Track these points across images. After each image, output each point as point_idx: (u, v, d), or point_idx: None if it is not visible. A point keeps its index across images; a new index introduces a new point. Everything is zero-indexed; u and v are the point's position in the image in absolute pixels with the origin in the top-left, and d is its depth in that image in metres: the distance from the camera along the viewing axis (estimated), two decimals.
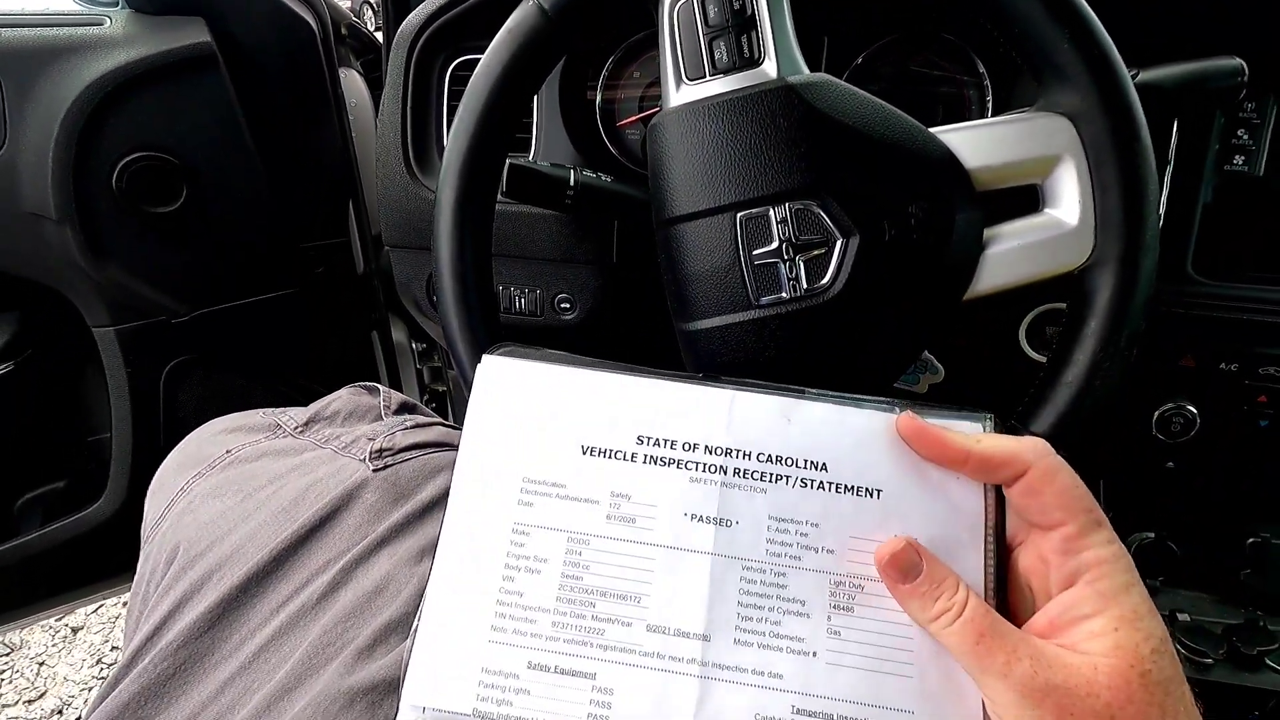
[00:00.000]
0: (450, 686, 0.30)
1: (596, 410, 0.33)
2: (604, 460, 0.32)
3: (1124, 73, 0.39)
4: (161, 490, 0.52)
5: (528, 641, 0.31)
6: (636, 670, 0.30)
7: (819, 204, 0.40)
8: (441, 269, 0.46)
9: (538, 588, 0.31)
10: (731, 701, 0.30)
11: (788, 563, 0.31)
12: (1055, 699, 0.26)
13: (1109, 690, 0.26)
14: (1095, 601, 0.28)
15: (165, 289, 0.85)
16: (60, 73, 0.74)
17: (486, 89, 0.45)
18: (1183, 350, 0.60)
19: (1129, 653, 0.26)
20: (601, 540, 0.32)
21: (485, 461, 0.33)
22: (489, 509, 0.32)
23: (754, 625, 0.31)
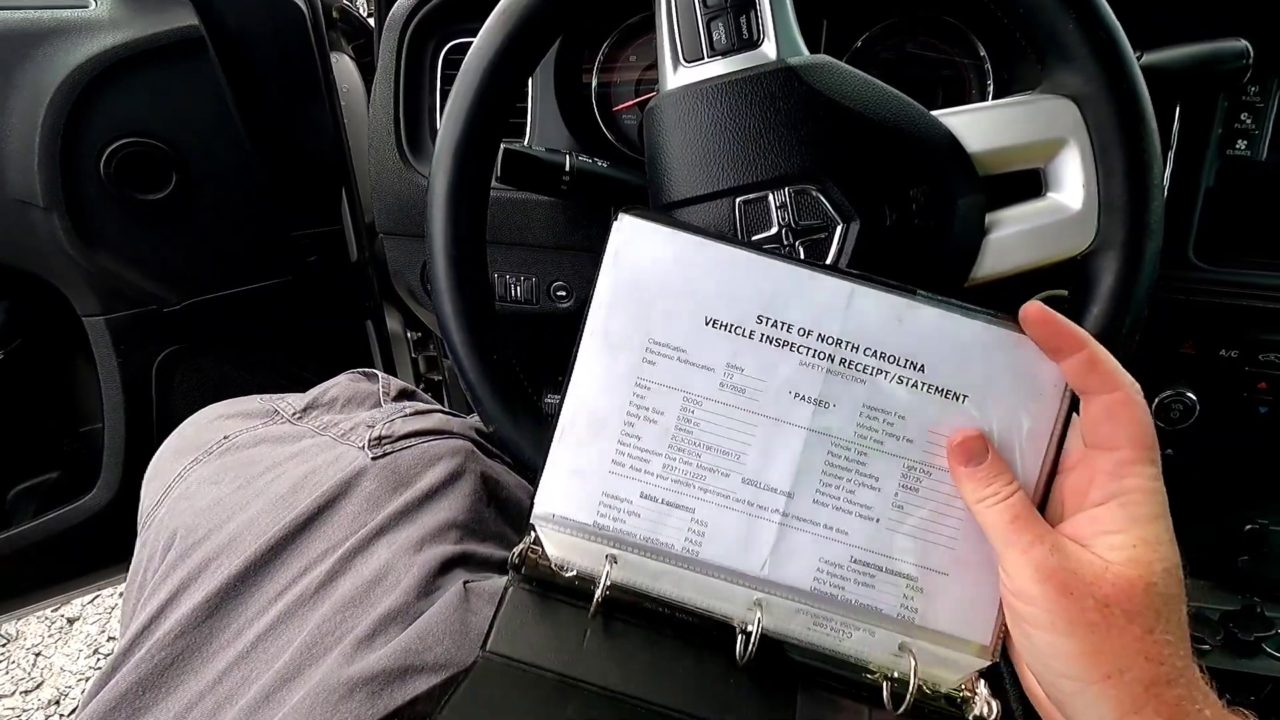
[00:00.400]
0: (575, 502, 0.36)
1: (723, 285, 0.35)
2: (724, 333, 0.35)
3: (1130, 55, 0.39)
4: (158, 476, 0.51)
5: (641, 477, 0.36)
6: (729, 511, 0.36)
7: (819, 188, 0.40)
8: (436, 256, 0.45)
9: (654, 434, 0.36)
10: (803, 546, 0.36)
11: (871, 445, 0.36)
12: (1060, 578, 0.30)
13: (1112, 586, 0.29)
14: (1123, 521, 0.31)
15: (156, 277, 0.84)
16: (44, 57, 0.73)
17: (480, 72, 0.44)
18: (1183, 336, 0.60)
19: (1141, 565, 0.30)
20: (713, 404, 0.36)
21: (616, 318, 0.36)
22: (618, 362, 0.36)
23: (832, 491, 0.36)
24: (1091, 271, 0.40)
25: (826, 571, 0.36)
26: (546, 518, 0.36)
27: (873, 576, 0.36)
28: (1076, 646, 0.30)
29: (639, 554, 0.36)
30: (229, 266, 0.89)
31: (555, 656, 0.34)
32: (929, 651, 0.36)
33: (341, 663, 0.35)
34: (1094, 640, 0.29)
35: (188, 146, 0.80)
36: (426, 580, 0.40)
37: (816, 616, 0.36)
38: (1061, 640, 0.30)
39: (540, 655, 0.34)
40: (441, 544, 0.42)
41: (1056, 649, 0.30)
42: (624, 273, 0.36)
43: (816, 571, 0.36)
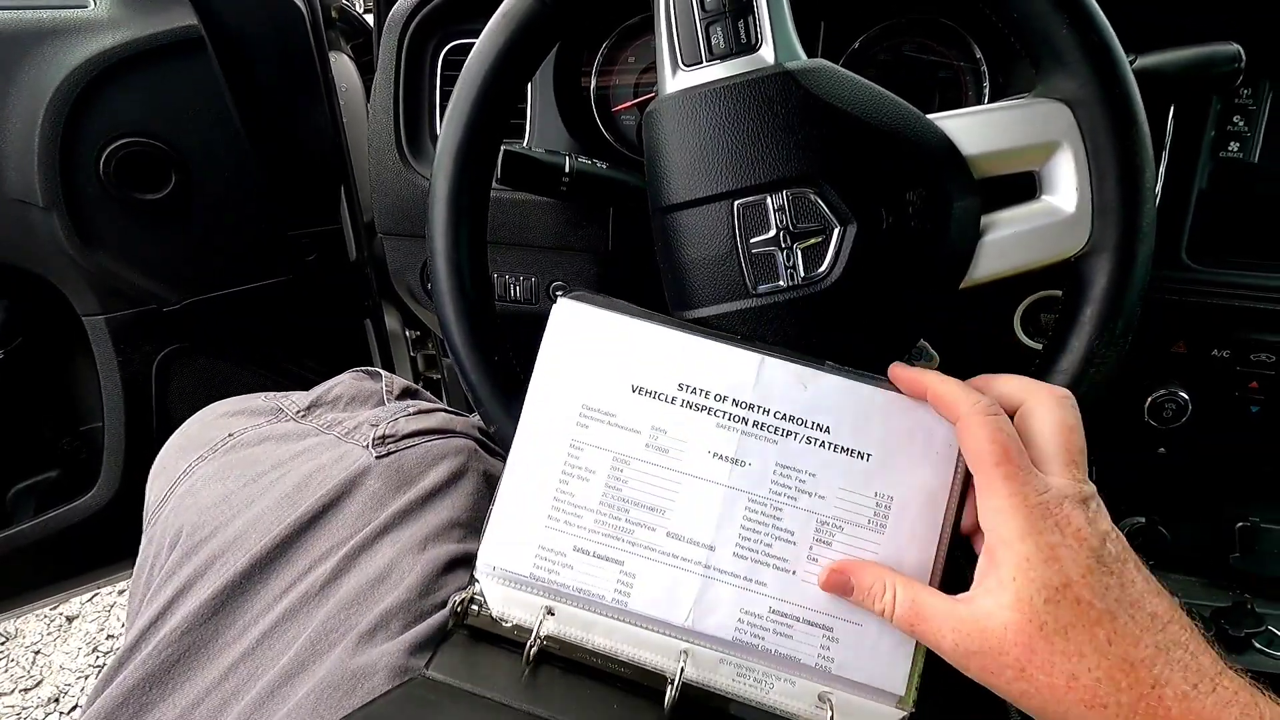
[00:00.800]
0: (514, 553, 0.39)
1: (648, 357, 0.40)
2: (649, 399, 0.39)
3: (1123, 59, 0.39)
4: (163, 473, 0.51)
5: (574, 531, 0.39)
6: (655, 564, 0.38)
7: (816, 191, 0.40)
8: (436, 257, 0.45)
9: (586, 492, 0.39)
10: (724, 597, 0.38)
11: (785, 500, 0.38)
12: (978, 662, 0.31)
13: (1015, 645, 0.29)
14: (987, 556, 0.31)
15: (155, 277, 0.84)
16: (44, 57, 0.73)
17: (481, 74, 0.44)
18: (1175, 336, 0.61)
19: (1025, 605, 0.29)
20: (640, 463, 0.39)
21: (554, 387, 0.40)
22: (554, 426, 0.39)
23: (750, 544, 0.38)
24: (1085, 273, 0.41)
25: (747, 622, 0.38)
26: (488, 570, 0.39)
27: (790, 626, 0.38)
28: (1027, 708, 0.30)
29: (572, 605, 0.38)
30: (228, 266, 0.89)
31: (491, 686, 0.36)
32: (847, 701, 0.37)
33: (344, 658, 0.36)
34: (1034, 705, 0.30)
35: (187, 146, 0.80)
36: (430, 579, 0.40)
37: (740, 667, 0.38)
38: (1009, 691, 0.31)
39: (478, 685, 0.36)
40: (445, 543, 0.43)
41: (1030, 710, 0.31)
42: (561, 349, 0.40)
43: (738, 622, 0.38)
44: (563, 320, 0.40)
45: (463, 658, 0.37)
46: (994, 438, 0.32)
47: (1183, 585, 0.68)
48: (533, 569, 0.38)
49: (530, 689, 0.37)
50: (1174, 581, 0.68)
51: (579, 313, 0.40)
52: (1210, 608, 0.65)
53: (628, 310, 0.40)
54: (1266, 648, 0.63)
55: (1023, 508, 0.30)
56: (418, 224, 0.67)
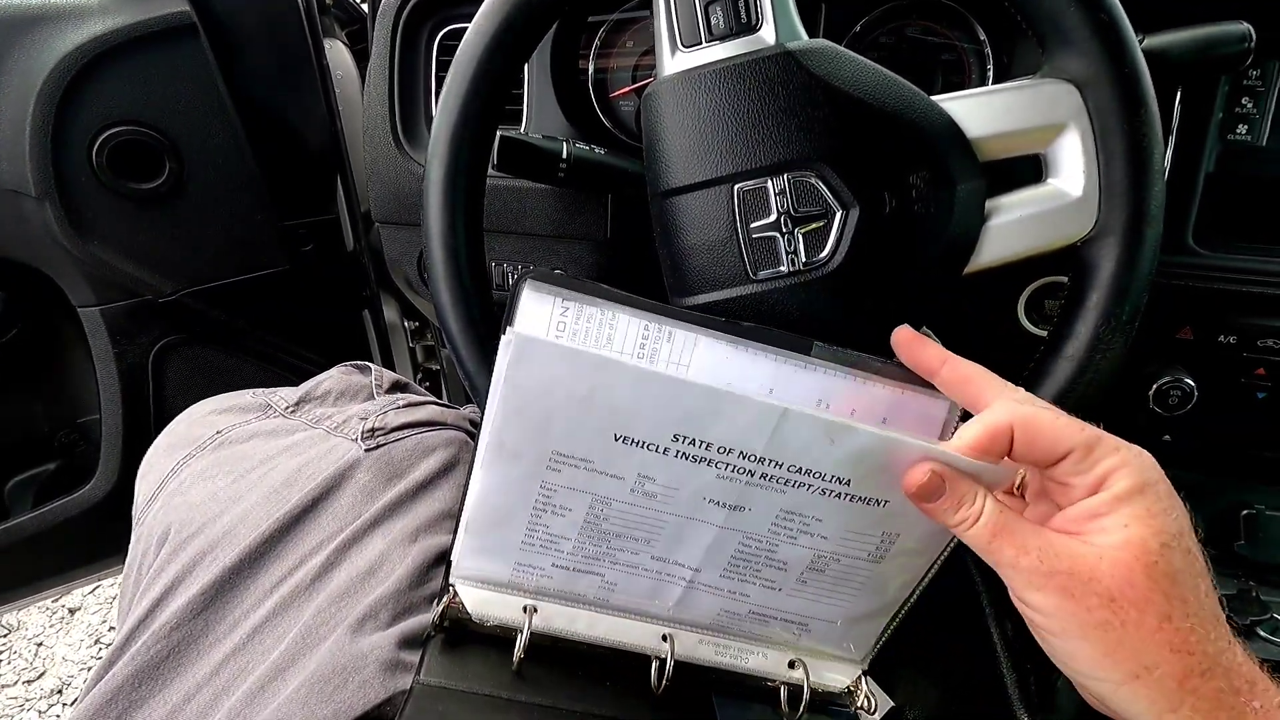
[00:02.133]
0: (489, 563, 0.38)
1: (634, 404, 0.33)
2: (635, 448, 0.34)
3: (1132, 38, 0.38)
4: (151, 472, 0.51)
5: (552, 553, 0.37)
6: (636, 576, 0.38)
7: (818, 175, 0.39)
8: (432, 245, 0.45)
9: (562, 524, 0.37)
10: (706, 601, 0.38)
11: (784, 539, 0.37)
12: (1057, 581, 0.29)
13: (1110, 577, 0.28)
14: (1109, 503, 0.29)
15: (150, 267, 0.83)
16: (34, 44, 0.72)
17: (475, 58, 0.43)
18: (1181, 322, 0.60)
19: (1136, 546, 0.28)
20: (623, 504, 0.36)
21: (511, 432, 0.34)
22: (519, 469, 0.35)
23: (739, 570, 0.38)
24: (1091, 258, 0.40)
25: (726, 619, 0.39)
26: (465, 576, 0.38)
27: (767, 623, 0.39)
28: (1093, 649, 0.28)
29: (555, 601, 0.38)
30: (224, 256, 0.88)
31: (487, 684, 0.37)
32: (816, 665, 0.40)
33: (335, 651, 0.35)
34: (1110, 640, 0.28)
35: (181, 135, 0.80)
36: (421, 571, 0.40)
37: (718, 645, 0.40)
38: (1076, 644, 0.29)
39: (472, 684, 0.36)
40: (436, 534, 0.42)
41: (1074, 653, 0.29)
42: (515, 392, 0.33)
43: (716, 617, 0.39)
44: (515, 360, 0.32)
45: (452, 659, 0.37)
46: (1063, 415, 0.31)
47: None
48: (511, 576, 0.38)
49: (525, 681, 0.37)
50: None
51: (537, 349, 0.32)
52: None
53: (604, 297, 0.35)
54: (1272, 635, 0.62)
55: (1135, 461, 0.30)
56: (414, 212, 0.66)
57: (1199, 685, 0.27)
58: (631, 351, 0.36)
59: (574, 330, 0.35)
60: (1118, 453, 0.30)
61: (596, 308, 0.35)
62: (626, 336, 0.36)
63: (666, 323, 0.36)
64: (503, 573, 0.38)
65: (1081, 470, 0.30)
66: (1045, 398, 0.40)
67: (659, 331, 0.36)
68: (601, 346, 0.35)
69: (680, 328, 0.36)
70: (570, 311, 0.35)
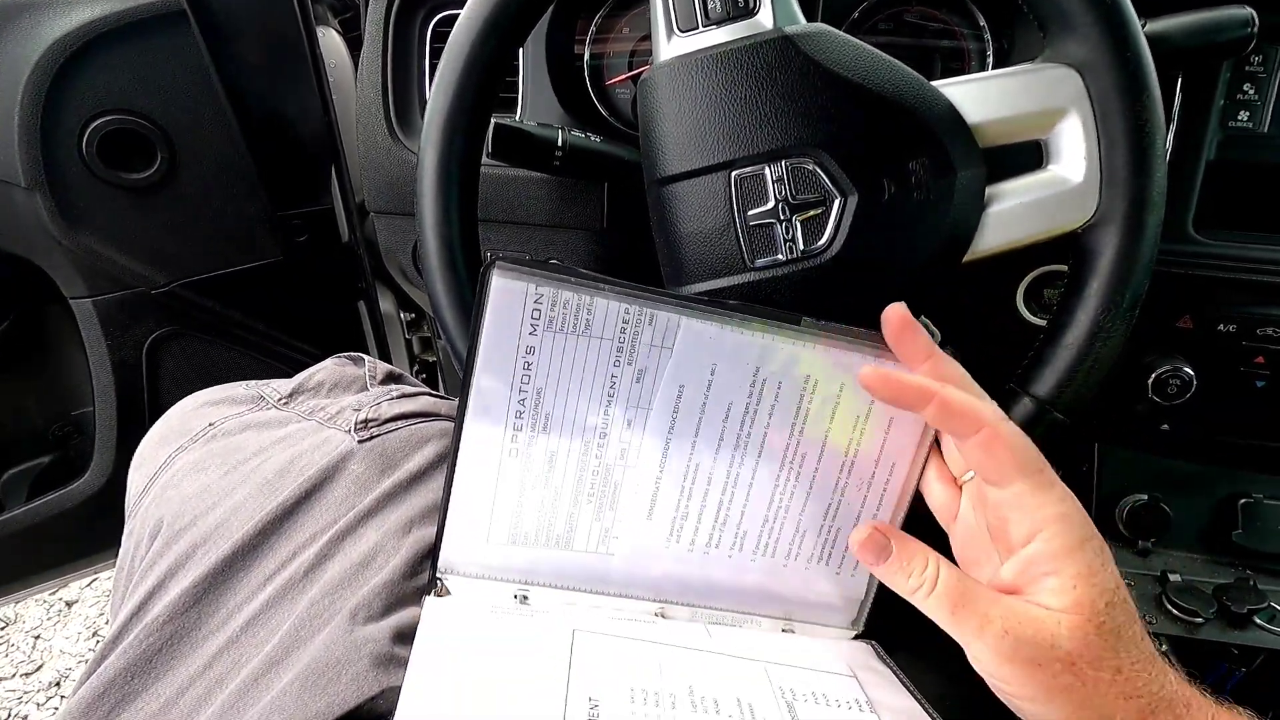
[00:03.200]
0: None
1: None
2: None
3: (1135, 22, 0.38)
4: (144, 465, 0.51)
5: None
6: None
7: (816, 161, 0.39)
8: (426, 235, 0.44)
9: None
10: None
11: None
12: (1025, 653, 0.30)
13: (1069, 640, 0.29)
14: (1052, 561, 0.31)
15: (143, 258, 0.83)
16: (21, 31, 0.71)
17: (468, 43, 0.43)
18: (1181, 310, 0.60)
19: (1087, 607, 0.30)
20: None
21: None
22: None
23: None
24: (1092, 245, 0.39)
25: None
26: (451, 569, 0.38)
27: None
28: (1059, 712, 0.30)
29: (546, 587, 0.38)
30: (218, 247, 0.88)
31: None
32: (808, 631, 0.41)
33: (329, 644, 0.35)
34: (1074, 701, 0.29)
35: (172, 123, 0.79)
36: (414, 562, 0.39)
37: (711, 616, 0.40)
38: (1044, 709, 0.30)
39: None
40: (430, 525, 0.42)
41: (1042, 716, 0.31)
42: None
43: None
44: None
45: None
46: (1029, 444, 0.32)
47: (1185, 562, 0.67)
48: (498, 560, 0.38)
49: None
50: (1177, 558, 0.68)
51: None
52: (1212, 584, 0.64)
53: (579, 279, 0.34)
54: (1268, 624, 0.62)
55: (1077, 515, 0.31)
56: (408, 202, 0.65)
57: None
58: (612, 336, 0.35)
59: (549, 318, 0.34)
60: (1063, 503, 0.31)
61: (572, 292, 0.34)
62: (605, 321, 0.35)
63: (648, 304, 0.35)
64: (490, 557, 0.38)
65: (1025, 506, 0.31)
66: (1044, 386, 0.40)
67: (640, 315, 0.35)
68: (580, 333, 0.35)
69: (662, 309, 0.35)
70: (545, 299, 0.34)
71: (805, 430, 0.37)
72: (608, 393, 0.36)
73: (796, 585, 0.41)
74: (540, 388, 0.35)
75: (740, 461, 0.38)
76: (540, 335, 0.35)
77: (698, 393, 0.36)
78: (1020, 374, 0.41)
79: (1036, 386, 0.40)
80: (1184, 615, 0.62)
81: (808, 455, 0.38)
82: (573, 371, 0.35)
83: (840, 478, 0.38)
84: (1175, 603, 0.62)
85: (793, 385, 0.37)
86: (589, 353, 0.35)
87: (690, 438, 0.37)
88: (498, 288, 0.34)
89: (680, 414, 0.37)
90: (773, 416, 0.37)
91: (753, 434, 0.37)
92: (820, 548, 0.40)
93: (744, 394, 0.36)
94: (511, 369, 0.35)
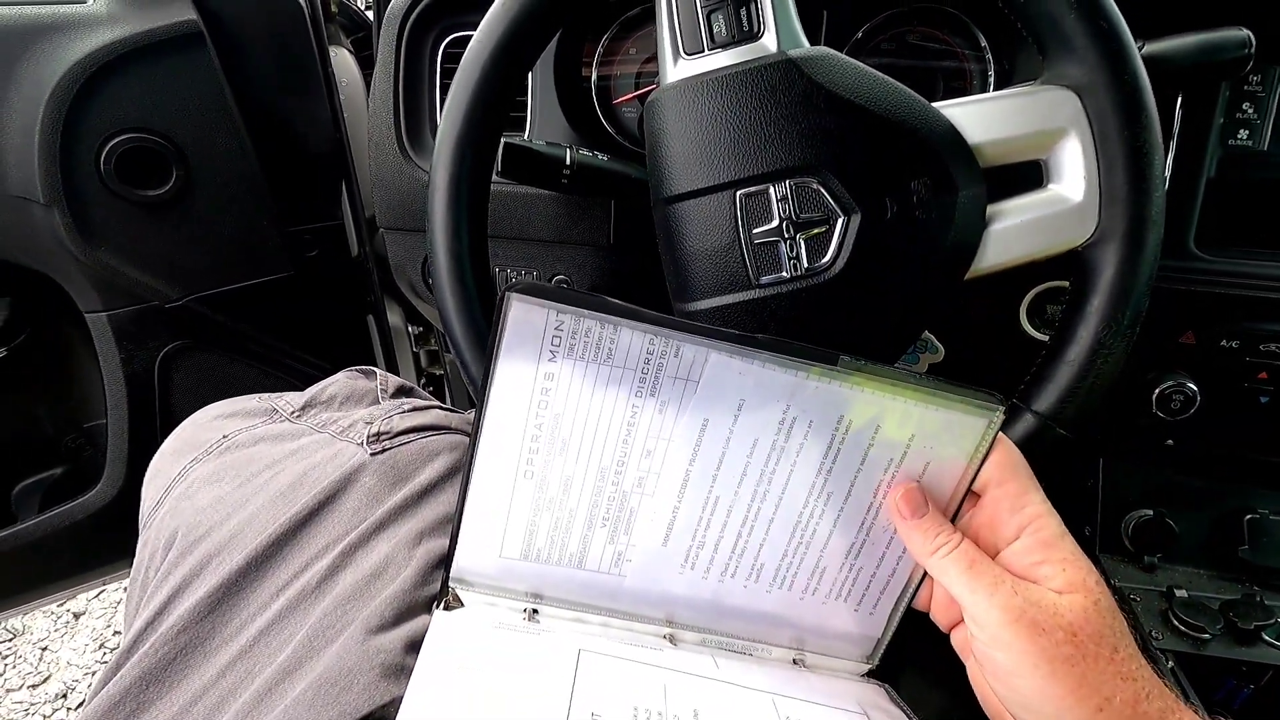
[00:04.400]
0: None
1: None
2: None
3: (1131, 45, 0.38)
4: (158, 476, 0.51)
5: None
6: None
7: (820, 181, 0.39)
8: (436, 251, 0.45)
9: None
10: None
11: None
12: (1030, 616, 0.30)
13: (1070, 613, 0.30)
14: (1042, 550, 0.32)
15: (157, 273, 0.84)
16: (43, 52, 0.73)
17: (480, 65, 0.44)
18: (1183, 327, 0.60)
19: (1079, 584, 0.31)
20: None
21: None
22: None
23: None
24: (1092, 263, 0.40)
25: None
26: (462, 579, 0.38)
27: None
28: (1062, 686, 0.29)
29: (555, 605, 0.38)
30: (230, 262, 0.89)
31: None
32: (819, 663, 0.41)
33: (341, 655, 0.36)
34: (1077, 674, 0.29)
35: (187, 141, 0.80)
36: (425, 572, 0.40)
37: (721, 643, 0.40)
38: (1046, 684, 0.30)
39: None
40: (440, 537, 0.42)
41: (1045, 693, 0.30)
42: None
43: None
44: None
45: None
46: (1019, 451, 0.35)
47: (1191, 578, 0.67)
48: (508, 574, 0.38)
49: None
50: (1182, 574, 0.67)
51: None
52: (1219, 600, 0.64)
53: (601, 309, 0.33)
54: (1276, 640, 0.62)
55: (1055, 514, 0.33)
56: (418, 218, 0.66)
57: (1147, 710, 0.29)
58: (635, 367, 0.34)
59: (570, 345, 0.33)
60: (1044, 503, 0.34)
61: (595, 321, 0.33)
62: (629, 351, 0.34)
63: (673, 336, 0.33)
64: (501, 569, 0.38)
65: (1014, 506, 0.34)
66: (1046, 401, 0.41)
67: (665, 346, 0.34)
68: (603, 361, 0.34)
69: (689, 342, 0.33)
70: (565, 326, 0.33)
71: (834, 470, 0.36)
72: (628, 422, 0.35)
73: (812, 618, 0.40)
74: (558, 413, 0.35)
75: (763, 496, 0.36)
76: (560, 362, 0.34)
77: (722, 427, 0.35)
78: (1023, 389, 0.42)
79: (1039, 402, 0.41)
80: (1191, 631, 0.62)
81: (834, 494, 0.37)
82: (592, 399, 0.34)
83: (867, 518, 0.37)
84: (1182, 618, 0.62)
85: (824, 424, 0.35)
86: (610, 382, 0.34)
87: (712, 471, 0.36)
88: (515, 315, 0.33)
89: (703, 447, 0.35)
90: (800, 455, 0.36)
91: (777, 471, 0.36)
92: (840, 585, 0.39)
93: (771, 431, 0.35)
94: (529, 394, 0.34)
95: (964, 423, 0.35)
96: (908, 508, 0.35)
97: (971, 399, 0.35)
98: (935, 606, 0.38)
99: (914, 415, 0.35)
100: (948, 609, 0.37)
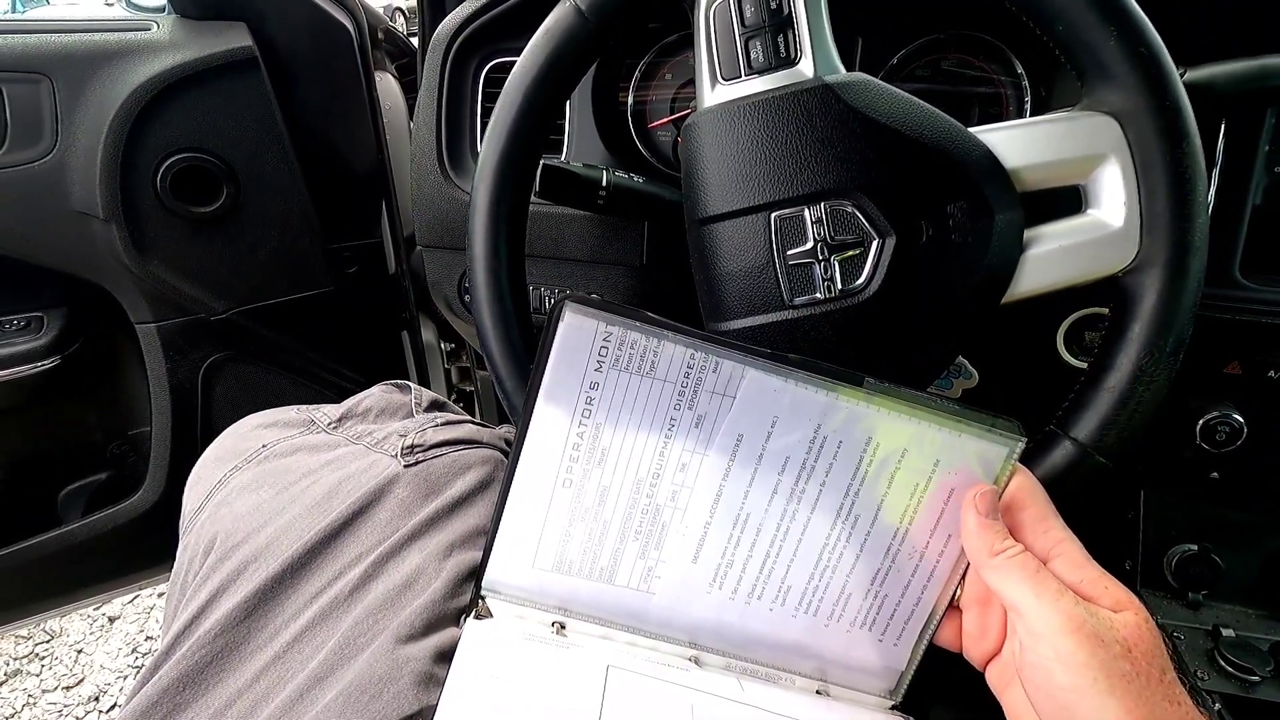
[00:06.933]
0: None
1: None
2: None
3: (1173, 71, 0.38)
4: (200, 483, 0.53)
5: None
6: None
7: (855, 204, 0.40)
8: (476, 268, 0.46)
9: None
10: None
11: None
12: (1091, 627, 0.30)
13: (1125, 629, 0.30)
14: (1078, 570, 0.32)
15: (204, 286, 0.87)
16: (109, 76, 0.76)
17: (523, 91, 0.45)
18: (1228, 357, 0.58)
19: (1129, 603, 0.31)
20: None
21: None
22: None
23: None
24: (1133, 289, 0.39)
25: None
26: (494, 590, 0.39)
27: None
28: (1119, 704, 0.28)
29: (584, 620, 0.39)
30: (273, 277, 0.92)
31: None
32: (843, 695, 0.40)
33: (372, 663, 0.36)
34: (1134, 692, 0.29)
35: (238, 161, 0.83)
36: (455, 584, 0.40)
37: (745, 670, 0.40)
38: (1104, 699, 0.28)
39: None
40: (470, 550, 0.43)
41: (1101, 710, 0.29)
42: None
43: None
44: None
45: None
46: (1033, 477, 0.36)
47: (1239, 617, 0.65)
48: (540, 586, 0.38)
49: None
50: (1229, 613, 0.65)
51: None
52: (1268, 641, 0.62)
53: (646, 323, 0.35)
54: None
55: (1075, 539, 0.34)
56: (457, 237, 0.68)
57: None
58: (675, 380, 0.35)
59: (615, 357, 0.35)
60: (1065, 528, 0.34)
61: (640, 334, 0.34)
62: (670, 365, 0.35)
63: (713, 352, 0.35)
64: (533, 581, 0.38)
65: (1038, 530, 0.34)
66: (1086, 429, 0.40)
67: (704, 361, 0.35)
68: (645, 374, 0.35)
69: (727, 358, 0.35)
70: (613, 337, 0.35)
71: (861, 492, 0.36)
72: (666, 434, 0.36)
73: (836, 647, 0.40)
74: (600, 423, 0.36)
75: (792, 516, 0.37)
76: (605, 372, 0.35)
77: (756, 443, 0.36)
78: (1061, 416, 0.41)
79: (1078, 429, 0.40)
80: (1239, 673, 0.59)
81: (861, 518, 0.37)
82: (633, 410, 0.36)
83: (893, 544, 0.37)
84: (1229, 659, 0.60)
85: (853, 446, 0.36)
86: (651, 393, 0.35)
87: (744, 487, 0.37)
88: (568, 323, 0.34)
89: (736, 462, 0.36)
90: (829, 475, 0.36)
91: (807, 490, 0.37)
92: (865, 613, 0.39)
93: (802, 449, 0.36)
94: (574, 402, 0.35)
95: (988, 450, 0.35)
96: (984, 505, 0.34)
97: (994, 426, 0.35)
98: (968, 640, 0.37)
99: (939, 441, 0.35)
100: (981, 640, 0.36)
